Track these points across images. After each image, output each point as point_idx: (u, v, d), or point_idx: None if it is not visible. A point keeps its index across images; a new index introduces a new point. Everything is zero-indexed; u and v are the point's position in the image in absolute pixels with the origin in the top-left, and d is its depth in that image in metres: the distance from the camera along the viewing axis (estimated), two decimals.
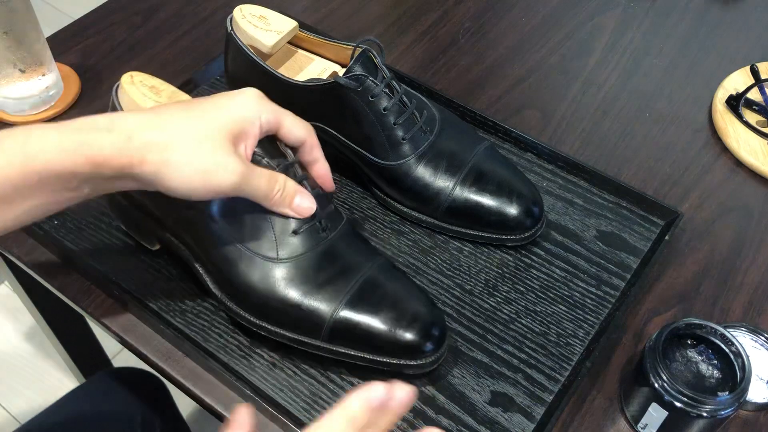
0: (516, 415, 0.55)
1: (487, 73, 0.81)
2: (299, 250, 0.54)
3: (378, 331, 0.53)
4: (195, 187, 0.48)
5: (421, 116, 0.63)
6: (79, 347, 1.05)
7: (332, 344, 0.54)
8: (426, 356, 0.53)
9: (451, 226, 0.63)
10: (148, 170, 0.47)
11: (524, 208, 0.61)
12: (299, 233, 0.54)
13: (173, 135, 0.48)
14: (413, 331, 0.52)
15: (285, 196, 0.53)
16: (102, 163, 0.46)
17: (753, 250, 0.66)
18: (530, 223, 0.62)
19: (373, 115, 0.61)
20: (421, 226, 0.65)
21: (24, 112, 0.73)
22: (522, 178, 0.64)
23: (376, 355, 0.53)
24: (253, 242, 0.54)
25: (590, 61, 0.82)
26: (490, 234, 0.63)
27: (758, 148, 0.73)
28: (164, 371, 0.57)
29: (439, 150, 0.63)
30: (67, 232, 0.64)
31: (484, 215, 0.62)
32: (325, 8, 0.87)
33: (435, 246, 0.64)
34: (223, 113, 0.50)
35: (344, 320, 0.53)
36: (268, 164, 0.53)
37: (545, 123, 0.76)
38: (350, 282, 0.54)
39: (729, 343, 0.51)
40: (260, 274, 0.53)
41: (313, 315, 0.53)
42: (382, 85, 0.61)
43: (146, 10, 0.85)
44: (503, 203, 0.61)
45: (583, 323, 0.60)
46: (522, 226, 0.62)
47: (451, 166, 0.62)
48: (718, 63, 0.82)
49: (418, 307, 0.54)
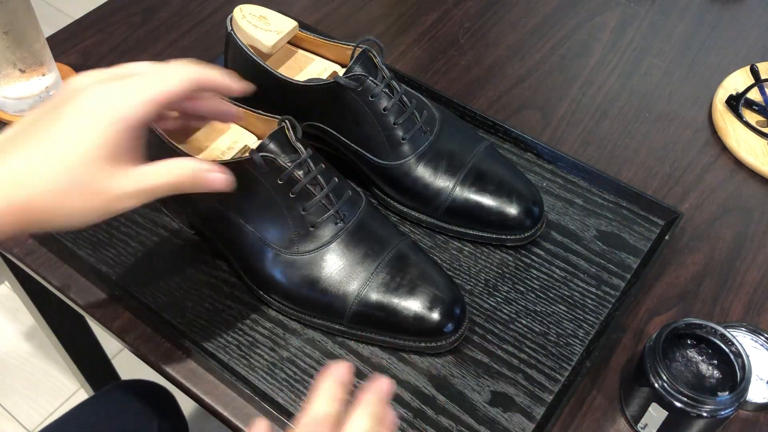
0: (516, 415, 0.55)
1: (487, 73, 0.81)
2: (319, 243, 0.56)
3: (401, 315, 0.55)
4: (92, 221, 0.45)
5: (420, 116, 0.63)
6: (79, 347, 1.05)
7: (355, 328, 0.56)
8: (446, 337, 0.55)
9: (451, 226, 0.63)
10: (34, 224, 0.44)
11: (524, 208, 0.61)
12: (317, 227, 0.55)
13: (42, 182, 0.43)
14: (436, 312, 0.54)
15: (196, 178, 0.47)
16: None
17: (753, 250, 0.66)
18: (530, 223, 0.62)
19: (372, 115, 0.61)
20: (421, 226, 0.65)
21: (24, 112, 0.73)
22: (522, 178, 0.63)
23: (399, 337, 0.56)
24: (274, 238, 0.56)
25: (590, 61, 0.82)
26: (490, 234, 0.63)
27: (758, 148, 0.73)
28: (164, 371, 0.57)
29: (439, 150, 0.62)
30: (66, 232, 0.64)
31: (484, 215, 0.62)
32: (325, 8, 0.87)
33: (435, 246, 0.64)
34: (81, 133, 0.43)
35: (367, 305, 0.55)
36: (283, 163, 0.54)
37: (545, 123, 0.76)
38: (371, 268, 0.55)
39: (729, 343, 0.51)
40: (283, 268, 0.56)
41: (336, 301, 0.56)
42: (382, 85, 0.61)
43: (146, 10, 0.85)
44: (503, 203, 0.61)
45: (583, 323, 0.60)
46: (522, 225, 0.62)
47: (451, 166, 0.62)
48: (718, 63, 0.82)
49: (439, 289, 0.55)
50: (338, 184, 0.57)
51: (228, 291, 0.61)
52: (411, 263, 0.56)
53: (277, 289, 0.57)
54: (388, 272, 0.56)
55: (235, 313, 0.60)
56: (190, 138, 0.62)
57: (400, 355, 0.57)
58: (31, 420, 1.28)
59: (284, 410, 0.54)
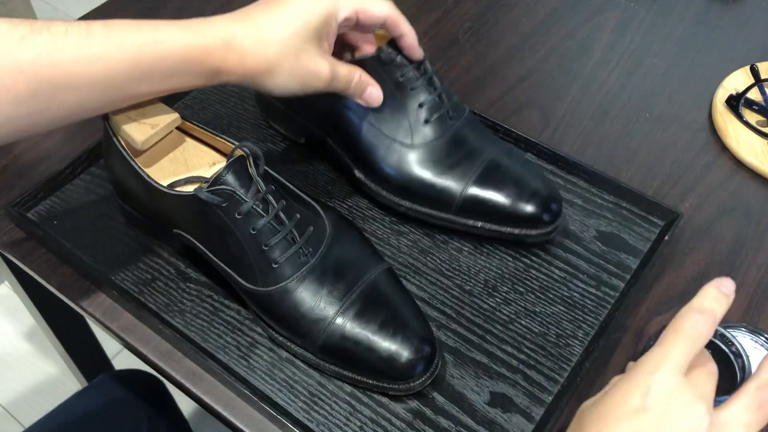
0: (515, 415, 0.55)
1: (487, 73, 0.81)
2: (430, 137, 0.61)
3: (502, 204, 0.60)
4: (291, 89, 0.55)
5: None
6: (79, 347, 1.05)
7: (462, 217, 0.62)
8: (546, 225, 0.61)
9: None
10: (248, 74, 0.53)
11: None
12: (430, 122, 0.61)
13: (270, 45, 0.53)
14: (533, 203, 0.60)
15: (359, 86, 0.58)
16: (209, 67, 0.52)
17: (753, 250, 0.66)
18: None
19: (240, 234, 0.53)
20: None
21: None
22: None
23: (502, 225, 0.61)
24: (391, 130, 0.61)
25: (590, 61, 0.82)
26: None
27: (758, 148, 0.72)
28: (164, 371, 0.57)
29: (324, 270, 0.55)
30: (67, 232, 0.64)
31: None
32: None
33: (434, 246, 0.64)
34: (309, 11, 0.54)
35: (472, 196, 0.60)
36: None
37: (545, 123, 0.75)
38: (475, 163, 0.61)
39: (729, 343, 0.51)
40: (398, 158, 0.61)
41: (445, 192, 0.61)
42: (253, 200, 0.53)
43: (146, 10, 0.85)
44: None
45: (583, 324, 0.60)
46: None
47: (334, 290, 0.54)
48: (718, 63, 0.82)
49: (537, 184, 0.61)
50: (446, 87, 0.62)
51: (228, 292, 0.61)
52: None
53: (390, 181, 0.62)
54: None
55: (234, 313, 0.60)
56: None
57: None
58: (31, 420, 1.27)
59: (283, 410, 0.54)
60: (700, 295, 0.44)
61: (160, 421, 0.74)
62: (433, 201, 0.62)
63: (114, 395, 0.76)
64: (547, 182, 0.62)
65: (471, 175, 0.61)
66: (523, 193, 0.60)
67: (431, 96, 0.61)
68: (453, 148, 0.61)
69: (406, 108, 0.61)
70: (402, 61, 0.60)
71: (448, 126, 0.62)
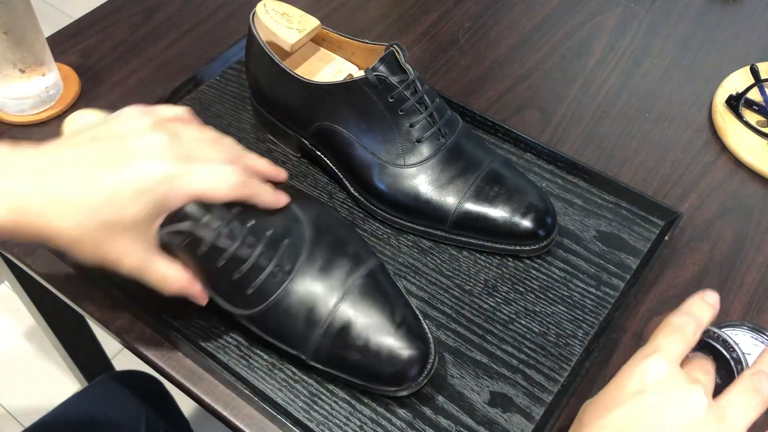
0: (515, 415, 0.55)
1: (487, 73, 0.81)
2: (423, 156, 0.61)
3: (497, 221, 0.60)
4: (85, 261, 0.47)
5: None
6: (79, 347, 1.05)
7: (456, 234, 0.62)
8: (541, 240, 0.61)
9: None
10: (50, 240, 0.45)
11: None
12: (422, 141, 0.61)
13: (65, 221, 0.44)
14: (528, 220, 0.60)
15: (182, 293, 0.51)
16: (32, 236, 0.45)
17: (753, 250, 0.66)
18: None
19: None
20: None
21: (24, 112, 0.73)
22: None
23: (497, 242, 0.62)
24: (383, 153, 0.62)
25: (590, 61, 0.82)
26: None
27: (758, 148, 0.72)
28: (164, 371, 0.57)
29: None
30: None
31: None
32: (325, 8, 0.87)
33: (434, 246, 0.64)
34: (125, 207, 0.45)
35: (466, 212, 0.60)
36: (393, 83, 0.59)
37: (545, 123, 0.76)
38: (470, 179, 0.61)
39: (730, 349, 0.51)
40: (391, 179, 0.62)
41: (439, 209, 0.61)
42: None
43: (146, 10, 0.85)
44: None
45: (583, 323, 0.60)
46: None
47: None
48: (718, 63, 0.82)
49: (531, 198, 0.61)
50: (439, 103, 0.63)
51: None
52: (504, 177, 0.62)
53: (385, 199, 0.63)
54: (485, 184, 0.61)
55: None
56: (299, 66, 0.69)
57: None
58: (31, 420, 1.28)
59: (283, 410, 0.54)
60: (686, 303, 0.48)
61: (160, 421, 0.74)
62: (427, 217, 0.62)
63: (114, 395, 0.76)
64: (542, 195, 0.62)
65: (464, 192, 0.61)
66: (518, 209, 0.60)
67: (422, 115, 0.61)
68: (446, 165, 0.61)
69: (398, 129, 0.61)
70: (392, 82, 0.60)
71: (441, 144, 0.62)
